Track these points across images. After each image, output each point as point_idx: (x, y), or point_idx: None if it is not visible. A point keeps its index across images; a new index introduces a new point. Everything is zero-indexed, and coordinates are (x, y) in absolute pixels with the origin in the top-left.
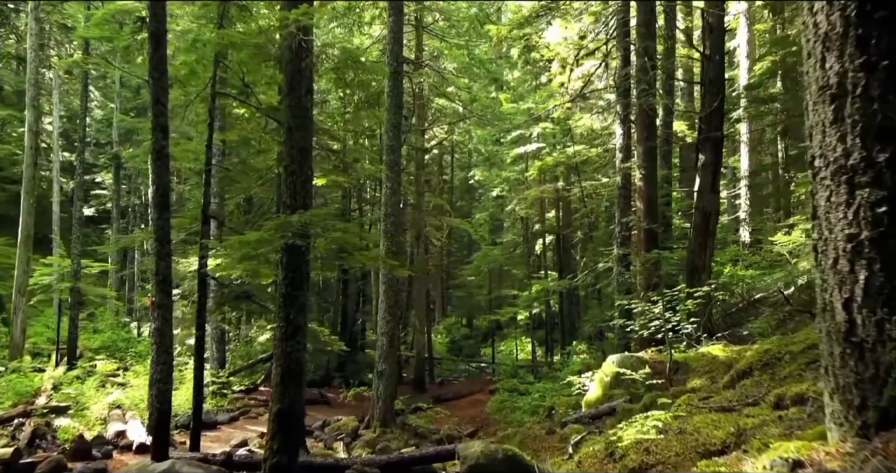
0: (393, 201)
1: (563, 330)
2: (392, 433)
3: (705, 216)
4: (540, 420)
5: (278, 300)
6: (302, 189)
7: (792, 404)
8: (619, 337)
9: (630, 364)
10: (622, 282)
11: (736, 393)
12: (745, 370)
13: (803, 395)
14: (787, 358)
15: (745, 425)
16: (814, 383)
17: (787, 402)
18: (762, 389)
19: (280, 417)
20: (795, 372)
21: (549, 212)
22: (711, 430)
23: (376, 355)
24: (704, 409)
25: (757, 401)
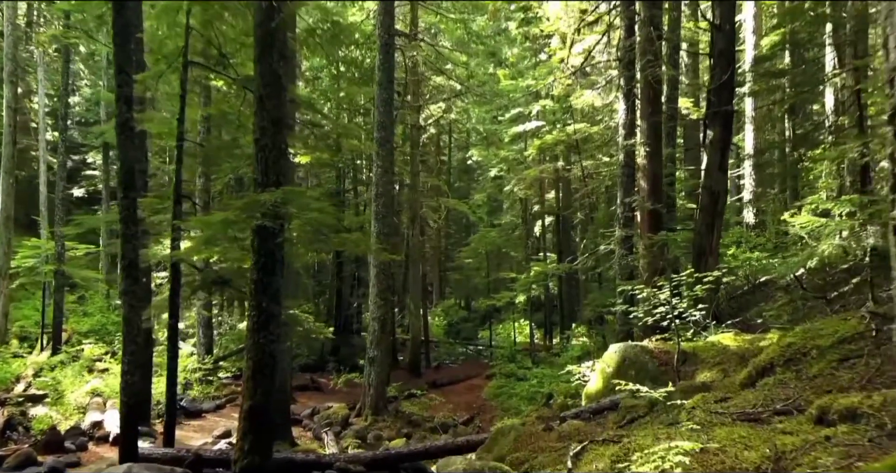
0: (384, 181)
1: (562, 313)
2: (384, 421)
3: (713, 196)
4: (538, 408)
5: (249, 286)
6: (274, 165)
7: (840, 420)
8: (620, 323)
9: (634, 353)
10: (624, 266)
11: (758, 394)
12: (766, 366)
13: (855, 410)
14: (815, 354)
15: (783, 446)
16: (868, 395)
17: (832, 417)
18: (788, 390)
19: (251, 415)
20: (826, 370)
21: (548, 192)
22: (741, 450)
23: (368, 340)
24: (725, 416)
25: (789, 410)
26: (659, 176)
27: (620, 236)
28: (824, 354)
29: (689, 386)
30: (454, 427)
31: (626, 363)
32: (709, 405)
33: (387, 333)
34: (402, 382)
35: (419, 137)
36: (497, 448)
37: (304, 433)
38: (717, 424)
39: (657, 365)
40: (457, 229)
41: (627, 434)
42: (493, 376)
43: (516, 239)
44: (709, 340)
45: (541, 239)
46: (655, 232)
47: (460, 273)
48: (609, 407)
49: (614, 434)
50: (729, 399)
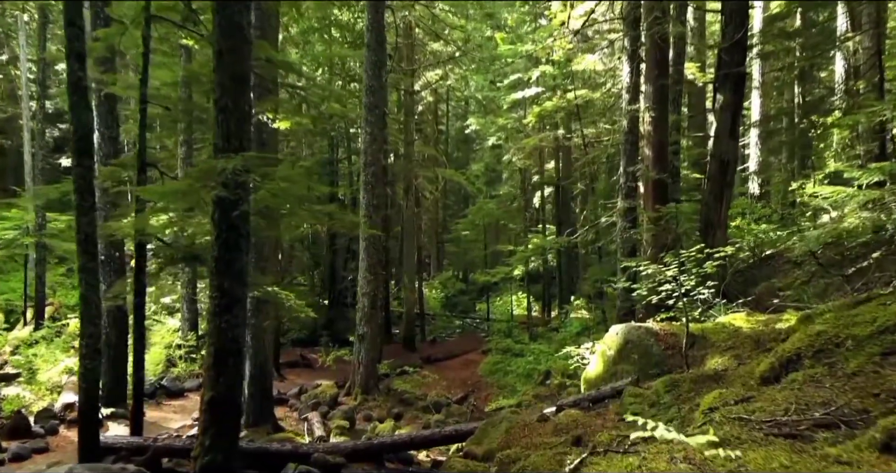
0: (374, 149)
1: (561, 286)
2: (374, 400)
3: (722, 164)
4: (534, 387)
5: (210, 265)
6: (237, 128)
7: None
8: (621, 299)
9: (637, 336)
10: (626, 239)
11: (787, 394)
12: (791, 357)
13: None
14: (851, 346)
15: None
16: None
17: None
18: (824, 391)
19: (213, 407)
20: (867, 367)
21: (548, 162)
22: None
23: (357, 317)
24: (752, 425)
25: (833, 422)
26: (664, 143)
27: (623, 208)
28: (862, 346)
29: (699, 375)
30: (447, 407)
31: (629, 346)
32: (729, 407)
33: (377, 309)
34: (396, 358)
35: (413, 104)
36: (487, 441)
37: (290, 413)
38: (746, 439)
39: (662, 348)
40: (455, 200)
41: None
42: (490, 351)
43: (515, 210)
44: (719, 321)
45: (540, 210)
46: (660, 203)
47: (457, 245)
48: (610, 395)
49: (617, 435)
50: (752, 400)
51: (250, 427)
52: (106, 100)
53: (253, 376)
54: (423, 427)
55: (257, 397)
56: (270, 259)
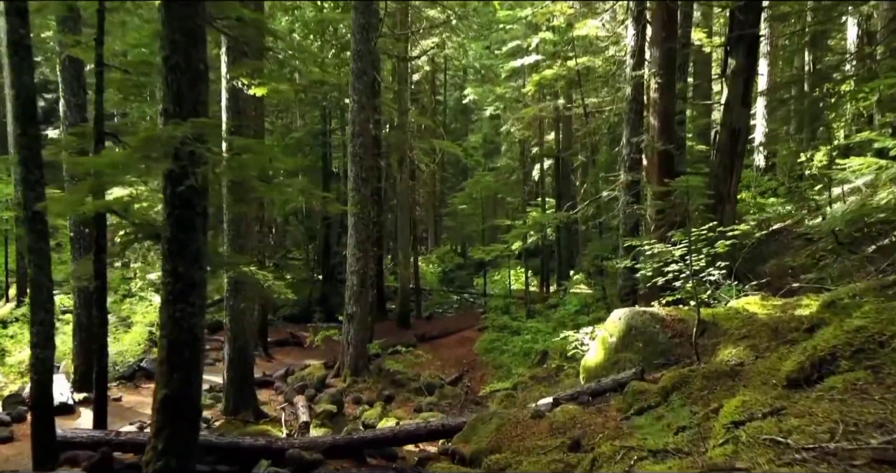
0: (361, 118)
1: (559, 261)
2: (364, 382)
3: (733, 134)
4: (531, 367)
5: (163, 246)
6: (190, 91)
7: None
8: (623, 278)
9: (642, 321)
10: (629, 214)
11: (826, 407)
12: (825, 357)
13: None
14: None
15: None
16: None
17: None
18: (873, 405)
19: (167, 406)
20: None
21: (548, 133)
22: None
23: (346, 296)
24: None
25: None
26: (671, 111)
27: (626, 181)
28: None
29: (713, 370)
30: (440, 388)
31: (633, 333)
32: (757, 423)
33: (367, 287)
34: (390, 336)
35: (407, 71)
36: (476, 439)
37: (276, 397)
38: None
39: (669, 336)
40: (454, 172)
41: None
42: (486, 329)
43: (513, 183)
44: (731, 305)
45: (539, 183)
46: (666, 176)
47: (454, 219)
48: (612, 388)
49: (621, 446)
50: (784, 413)
51: (230, 414)
52: (71, 64)
53: (232, 360)
54: (414, 410)
55: (237, 382)
56: (249, 235)
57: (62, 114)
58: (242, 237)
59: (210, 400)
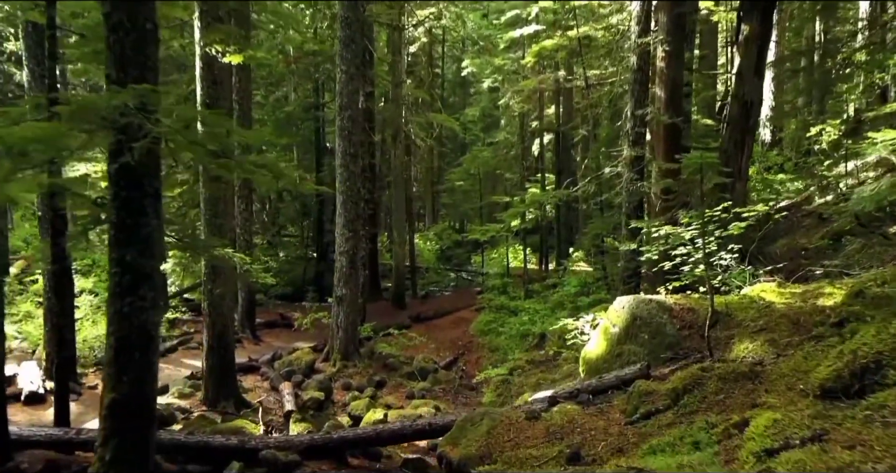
0: (350, 90)
1: (559, 238)
2: (355, 366)
3: (744, 106)
4: (529, 350)
5: (109, 232)
6: (135, 53)
7: None
8: (625, 259)
9: (647, 311)
10: (633, 192)
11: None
12: (869, 364)
13: None
14: None
15: None
16: None
17: None
18: None
19: (116, 412)
20: None
21: (548, 107)
22: None
23: (335, 278)
24: None
25: None
26: (679, 82)
27: (629, 157)
28: None
29: (729, 371)
30: (434, 373)
31: (637, 323)
32: (797, 454)
33: (357, 269)
34: (384, 316)
35: (401, 42)
36: (465, 442)
37: (261, 383)
38: None
39: (677, 327)
40: (452, 147)
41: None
42: (483, 309)
43: (512, 158)
44: (745, 293)
45: (539, 158)
46: (673, 151)
47: (451, 196)
48: (615, 386)
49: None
50: (826, 440)
51: (210, 403)
52: (34, 30)
53: (211, 347)
54: (406, 397)
55: (217, 370)
56: (228, 215)
57: (26, 84)
58: (220, 217)
59: (189, 389)
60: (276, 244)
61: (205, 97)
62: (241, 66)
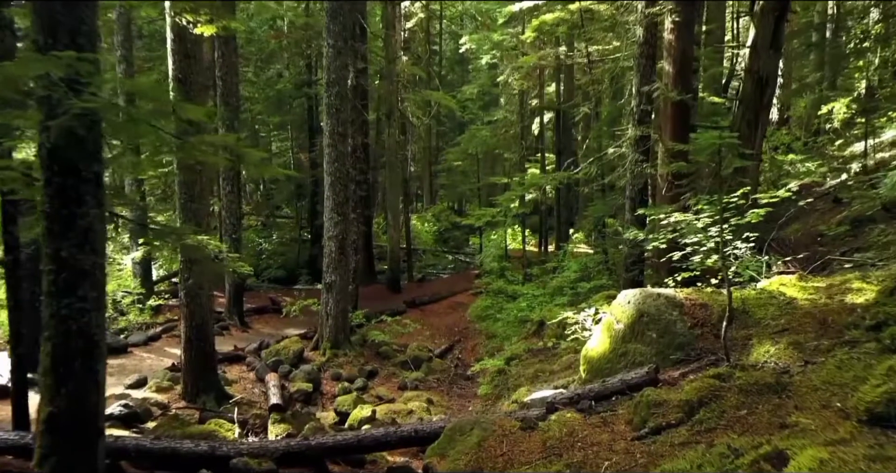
0: (337, 65)
1: (558, 219)
2: (345, 355)
3: (759, 82)
4: (527, 337)
5: (41, 223)
6: (66, 15)
7: None
8: (629, 245)
9: (655, 307)
10: (637, 174)
11: None
12: None
13: None
14: None
15: None
16: None
17: None
18: None
19: (54, 427)
20: None
21: (548, 85)
22: None
23: (324, 263)
24: None
25: None
26: (690, 55)
27: (634, 136)
28: None
29: (751, 382)
30: (428, 362)
31: (644, 320)
32: None
33: (347, 254)
34: (378, 301)
35: (396, 15)
36: (453, 454)
37: (247, 374)
38: None
39: (688, 325)
40: (451, 126)
41: None
42: (480, 293)
43: (511, 138)
44: (762, 287)
45: (539, 138)
46: (681, 131)
47: (448, 177)
48: (619, 390)
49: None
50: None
51: (189, 398)
52: None
53: (189, 340)
54: (398, 388)
55: (196, 364)
56: (204, 199)
57: None
58: (196, 201)
59: (168, 382)
60: (270, 226)
61: (176, 72)
62: (225, 40)
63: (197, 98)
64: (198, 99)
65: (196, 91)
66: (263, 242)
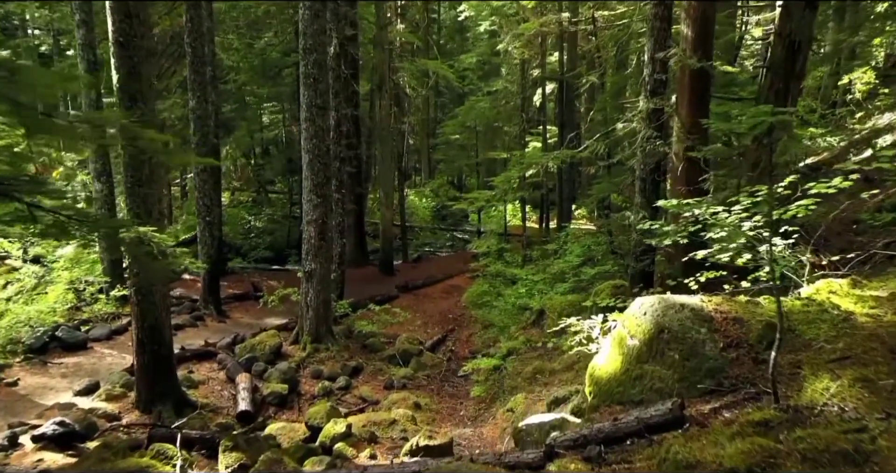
0: (315, 29)
1: (560, 194)
2: (327, 350)
3: (791, 47)
4: (525, 327)
5: None
6: None
7: None
8: (638, 233)
9: (679, 321)
10: (650, 153)
11: None
12: None
13: None
14: None
15: None
16: None
17: None
18: None
19: None
20: None
21: (550, 54)
22: None
23: (303, 250)
24: None
25: None
26: (711, 16)
27: (647, 109)
28: None
29: (820, 447)
30: (418, 356)
31: (665, 337)
32: None
33: (328, 240)
34: (370, 284)
35: None
36: None
37: (217, 373)
38: None
39: (720, 346)
40: (451, 98)
41: None
42: (477, 276)
43: (511, 110)
44: (807, 295)
45: (540, 110)
46: (702, 103)
47: (445, 152)
48: (635, 432)
49: None
50: None
51: (142, 407)
52: None
53: (142, 343)
54: (384, 387)
55: (150, 369)
56: (155, 183)
57: None
58: (145, 185)
59: (121, 389)
60: (261, 202)
61: (116, 34)
62: (194, 2)
63: (143, 64)
64: (144, 66)
65: (141, 56)
66: (253, 220)
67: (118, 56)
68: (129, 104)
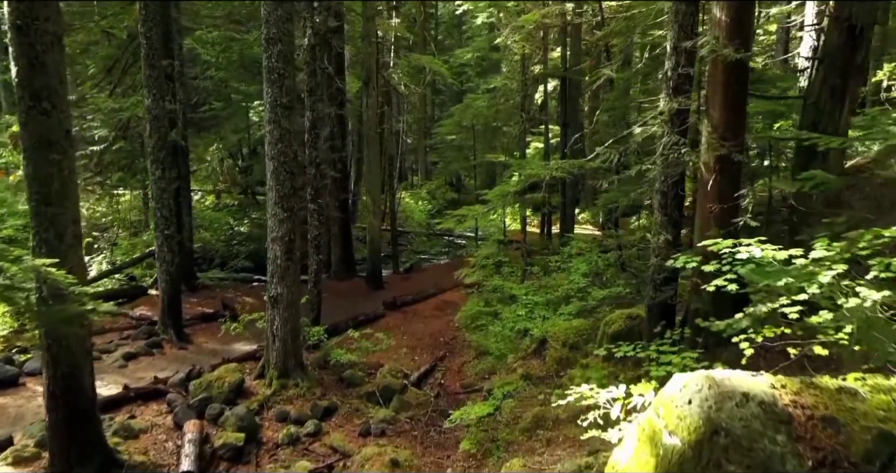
0: (279, 16)
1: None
2: (297, 387)
3: (850, 34)
4: (525, 357)
5: None
6: None
7: None
8: (658, 255)
9: (741, 420)
10: (673, 162)
11: None
12: None
13: None
14: None
15: None
16: None
17: None
18: None
19: None
20: None
21: (553, 49)
22: None
23: (269, 272)
24: None
25: None
26: None
27: (670, 109)
28: None
29: None
30: (402, 392)
31: (720, 440)
32: None
33: (294, 262)
34: (355, 299)
35: None
36: None
37: (163, 418)
38: None
39: (808, 466)
40: (450, 96)
41: None
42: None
43: (511, 108)
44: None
45: (542, 108)
46: (738, 103)
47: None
48: None
49: None
50: None
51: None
52: None
53: (53, 395)
54: (359, 434)
55: (66, 426)
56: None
57: None
58: (55, 204)
59: (34, 449)
60: (247, 205)
61: (14, 16)
62: None
63: (50, 53)
64: (52, 55)
65: (47, 44)
66: (236, 225)
67: (16, 43)
68: (31, 103)
